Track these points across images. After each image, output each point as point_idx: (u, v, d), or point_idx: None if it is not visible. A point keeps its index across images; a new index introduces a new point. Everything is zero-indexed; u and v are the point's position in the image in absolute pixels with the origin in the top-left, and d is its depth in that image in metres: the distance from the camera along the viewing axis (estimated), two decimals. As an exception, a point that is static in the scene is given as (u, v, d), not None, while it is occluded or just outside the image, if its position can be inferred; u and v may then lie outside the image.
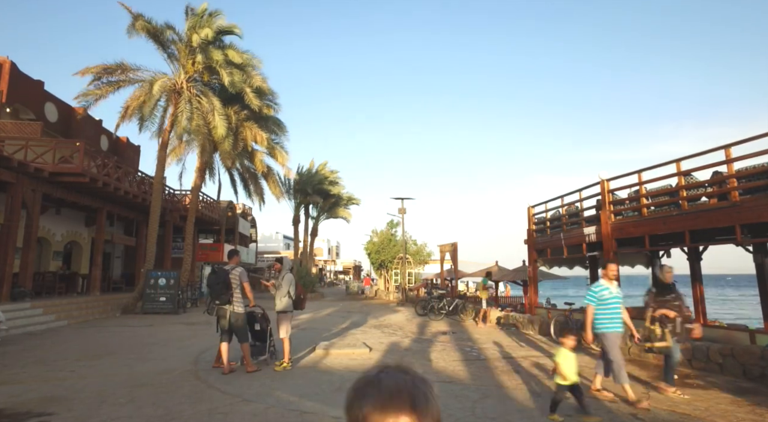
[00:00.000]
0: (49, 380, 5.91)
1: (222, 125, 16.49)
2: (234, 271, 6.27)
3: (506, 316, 12.47)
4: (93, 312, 13.87)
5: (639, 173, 9.33)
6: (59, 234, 17.21)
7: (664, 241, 9.69)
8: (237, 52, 17.09)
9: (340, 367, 6.81)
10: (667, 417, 4.51)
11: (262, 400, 4.98)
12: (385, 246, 28.60)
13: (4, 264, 11.78)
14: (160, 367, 6.72)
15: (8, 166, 11.63)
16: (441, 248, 20.67)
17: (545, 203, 13.06)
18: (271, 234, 53.31)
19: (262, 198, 23.90)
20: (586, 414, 4.41)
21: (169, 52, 17.04)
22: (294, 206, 32.80)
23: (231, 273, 6.25)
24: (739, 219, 7.13)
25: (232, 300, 6.18)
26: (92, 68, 16.03)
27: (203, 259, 24.20)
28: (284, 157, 21.65)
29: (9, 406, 4.73)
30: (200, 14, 16.75)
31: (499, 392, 5.42)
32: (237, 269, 6.32)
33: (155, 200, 16.85)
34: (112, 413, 4.52)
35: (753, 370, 5.99)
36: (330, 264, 63.92)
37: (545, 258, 13.06)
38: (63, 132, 17.96)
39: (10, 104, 15.94)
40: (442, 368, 6.88)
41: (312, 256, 37.88)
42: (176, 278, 15.99)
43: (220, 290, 6.13)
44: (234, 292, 6.21)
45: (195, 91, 17.08)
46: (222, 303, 6.15)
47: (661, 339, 5.35)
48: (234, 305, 6.21)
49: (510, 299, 23.01)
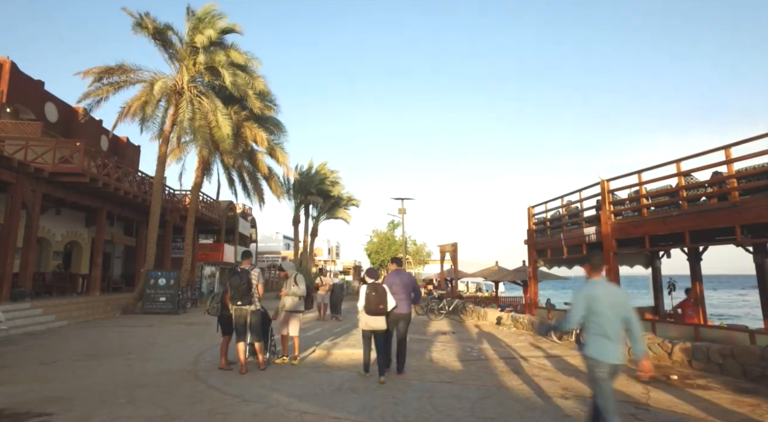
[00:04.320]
0: (49, 380, 5.91)
1: (226, 125, 16.50)
2: (253, 272, 6.38)
3: (506, 316, 12.46)
4: (93, 312, 13.86)
5: (639, 173, 9.33)
6: (59, 234, 17.21)
7: (664, 241, 9.69)
8: (239, 53, 17.12)
9: (340, 367, 6.81)
10: (667, 417, 4.51)
11: (262, 400, 4.99)
12: (385, 246, 28.64)
13: (4, 264, 11.78)
14: (160, 367, 6.73)
15: (8, 166, 11.63)
16: (441, 248, 20.67)
17: (545, 203, 13.06)
18: (271, 234, 53.33)
19: (261, 198, 23.90)
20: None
21: (170, 53, 17.06)
22: (294, 206, 32.79)
23: (250, 274, 6.36)
24: (739, 219, 7.13)
25: (253, 301, 6.31)
26: (94, 69, 16.07)
27: (203, 259, 24.20)
28: (284, 157, 21.65)
29: (9, 406, 4.73)
30: (202, 16, 16.75)
31: (500, 392, 5.42)
32: (255, 270, 6.43)
33: (155, 200, 16.85)
34: (112, 413, 4.51)
35: (753, 371, 5.99)
36: (330, 264, 63.90)
37: (545, 258, 13.07)
38: (63, 132, 17.97)
39: (10, 104, 15.95)
40: (442, 368, 6.88)
41: (312, 256, 37.87)
42: (176, 278, 15.99)
43: (245, 291, 6.20)
44: (254, 293, 6.35)
45: (196, 91, 17.08)
46: (244, 304, 6.23)
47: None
48: (255, 305, 6.35)
49: (510, 299, 23.02)
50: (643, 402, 5.00)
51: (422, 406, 4.79)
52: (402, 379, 6.04)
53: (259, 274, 6.45)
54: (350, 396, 5.21)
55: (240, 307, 6.24)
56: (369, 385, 5.71)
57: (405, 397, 5.14)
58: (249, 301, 6.24)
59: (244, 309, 6.26)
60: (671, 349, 7.12)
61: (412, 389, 5.53)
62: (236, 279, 6.21)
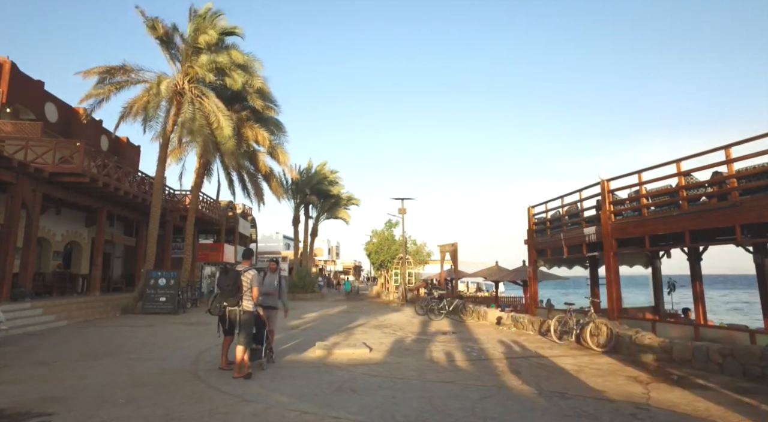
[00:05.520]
0: (49, 380, 5.91)
1: (227, 125, 16.51)
2: (247, 274, 6.10)
3: (506, 316, 12.46)
4: (93, 312, 13.86)
5: (639, 173, 9.34)
6: (59, 234, 17.21)
7: (664, 241, 9.70)
8: (240, 53, 17.14)
9: (340, 367, 6.82)
10: (667, 417, 4.51)
11: (263, 400, 4.99)
12: (385, 246, 28.64)
13: (4, 264, 11.78)
14: (160, 367, 6.73)
15: (8, 166, 11.63)
16: (441, 248, 20.68)
17: (545, 203, 13.08)
18: (271, 234, 53.33)
19: (261, 198, 23.92)
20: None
21: (172, 53, 17.08)
22: (294, 206, 32.81)
23: (243, 275, 6.10)
24: (739, 219, 7.14)
25: (241, 303, 6.05)
26: (95, 69, 16.11)
27: (203, 259, 24.19)
28: (285, 157, 21.68)
29: (9, 406, 4.73)
30: (203, 15, 16.77)
31: (500, 392, 5.42)
32: (250, 272, 6.13)
33: (155, 200, 16.86)
34: (112, 413, 4.51)
35: (753, 370, 5.99)
36: (330, 264, 63.95)
37: (545, 258, 13.07)
38: (63, 132, 17.97)
39: (10, 104, 15.95)
40: (443, 368, 6.88)
41: (312, 256, 37.90)
42: (176, 278, 16.00)
43: (232, 292, 5.99)
44: (244, 295, 6.07)
45: (197, 92, 17.10)
46: (231, 305, 6.03)
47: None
48: (243, 305, 6.06)
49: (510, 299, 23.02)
50: (643, 402, 5.00)
51: (422, 406, 4.79)
52: (402, 379, 6.05)
53: (253, 278, 6.07)
54: (350, 396, 5.21)
55: (228, 308, 6.03)
56: (369, 385, 5.72)
57: (405, 397, 5.14)
58: (236, 302, 5.99)
59: (233, 310, 6.02)
60: (671, 349, 7.12)
61: (412, 389, 5.53)
62: (223, 278, 6.04)
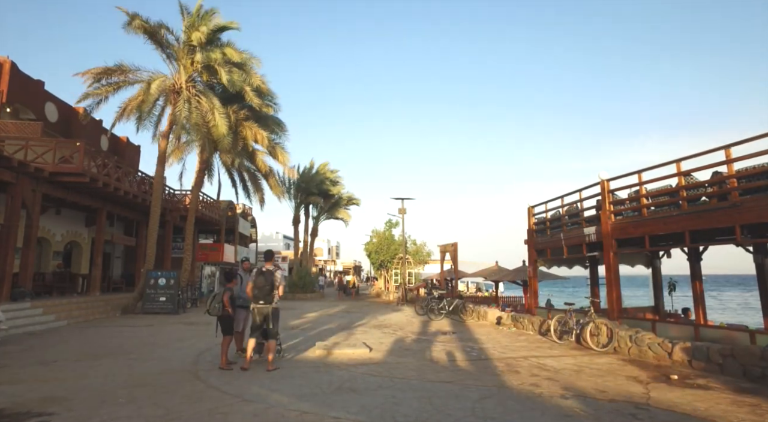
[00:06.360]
0: (49, 380, 5.91)
1: (222, 123, 16.50)
2: (276, 273, 6.67)
3: (506, 316, 12.46)
4: (93, 312, 13.87)
5: (639, 173, 9.34)
6: (59, 234, 17.21)
7: (664, 241, 9.71)
8: (235, 51, 17.12)
9: (340, 367, 6.82)
10: (667, 417, 4.51)
11: (263, 400, 4.99)
12: (385, 246, 28.65)
13: (4, 264, 11.78)
14: (160, 367, 6.73)
15: (8, 166, 11.63)
16: (441, 248, 20.68)
17: (545, 203, 13.07)
18: (271, 234, 53.38)
19: (262, 198, 23.93)
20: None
21: (167, 52, 17.07)
22: (294, 206, 32.80)
23: (274, 275, 6.66)
24: (739, 219, 7.14)
25: (273, 300, 6.65)
26: (93, 70, 16.13)
27: (203, 259, 24.20)
28: (285, 157, 21.66)
29: (9, 406, 4.73)
30: (196, 13, 16.79)
31: (500, 392, 5.42)
32: (278, 272, 6.71)
33: (155, 200, 16.86)
34: (112, 413, 4.52)
35: (753, 371, 5.99)
36: (330, 264, 63.93)
37: (545, 258, 13.07)
38: (63, 132, 17.97)
39: (10, 104, 15.95)
40: (443, 368, 6.88)
41: (312, 256, 37.88)
42: (176, 278, 16.00)
43: (268, 291, 6.53)
44: (276, 293, 6.69)
45: (194, 90, 17.10)
46: (266, 303, 6.53)
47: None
48: (275, 303, 6.66)
49: (510, 299, 23.02)
50: (643, 402, 5.00)
51: (422, 406, 4.79)
52: (402, 379, 6.05)
53: (282, 276, 6.76)
54: (350, 396, 5.21)
55: (262, 306, 6.54)
56: (369, 385, 5.72)
57: (405, 397, 5.14)
58: (270, 301, 6.56)
59: (266, 308, 6.55)
60: (671, 349, 7.12)
61: (412, 389, 5.54)
62: (261, 279, 6.54)
